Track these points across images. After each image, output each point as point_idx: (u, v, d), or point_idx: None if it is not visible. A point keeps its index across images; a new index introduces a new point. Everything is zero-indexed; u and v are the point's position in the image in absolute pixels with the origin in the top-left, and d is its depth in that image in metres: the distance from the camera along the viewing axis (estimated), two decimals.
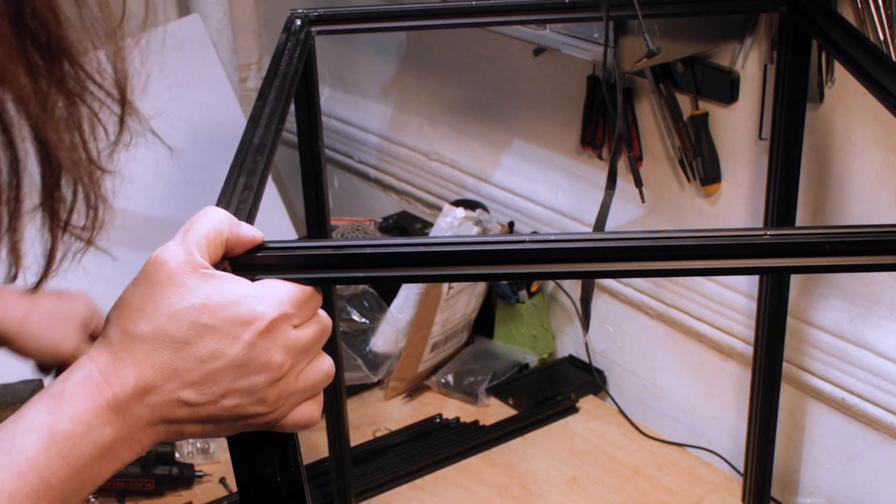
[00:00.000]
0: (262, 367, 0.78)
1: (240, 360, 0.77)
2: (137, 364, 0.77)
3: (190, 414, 0.78)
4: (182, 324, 0.77)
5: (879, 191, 1.51)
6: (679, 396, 1.90)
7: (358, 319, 1.97)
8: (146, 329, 0.77)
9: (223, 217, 0.82)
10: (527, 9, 1.45)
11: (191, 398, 0.77)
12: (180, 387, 0.77)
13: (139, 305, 0.78)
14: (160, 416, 0.77)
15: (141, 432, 0.77)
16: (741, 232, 0.86)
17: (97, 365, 0.77)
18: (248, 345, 0.77)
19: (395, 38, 2.30)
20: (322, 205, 1.50)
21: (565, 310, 2.07)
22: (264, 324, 0.78)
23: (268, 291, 0.80)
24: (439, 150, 2.26)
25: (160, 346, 0.76)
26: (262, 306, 0.78)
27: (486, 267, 0.87)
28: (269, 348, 0.78)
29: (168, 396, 0.77)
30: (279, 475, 0.88)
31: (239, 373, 0.78)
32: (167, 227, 2.43)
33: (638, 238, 0.86)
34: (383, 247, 0.87)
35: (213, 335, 0.77)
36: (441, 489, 1.77)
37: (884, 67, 1.18)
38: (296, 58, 1.30)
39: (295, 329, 0.80)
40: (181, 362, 0.77)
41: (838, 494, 1.68)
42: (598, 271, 0.87)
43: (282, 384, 0.80)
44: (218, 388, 0.78)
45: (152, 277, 0.79)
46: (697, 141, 1.70)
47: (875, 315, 1.57)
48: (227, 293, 0.78)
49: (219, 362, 0.77)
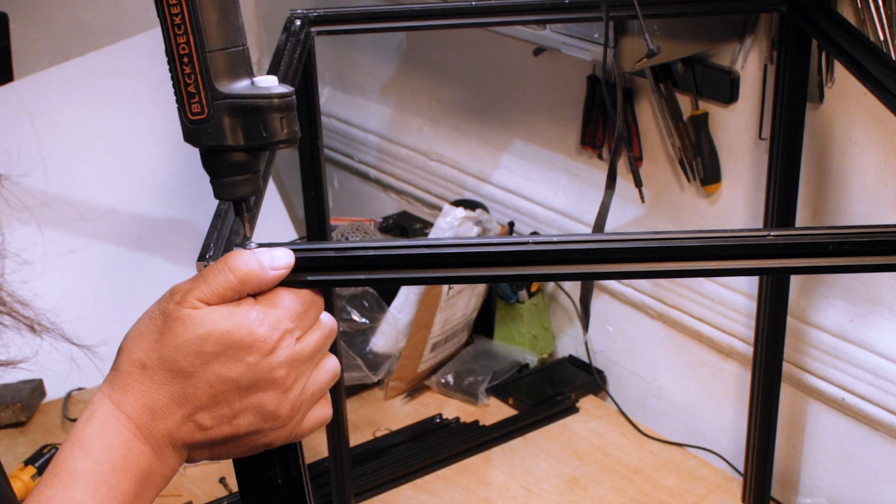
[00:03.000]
0: (268, 384, 0.81)
1: (246, 382, 0.80)
2: (150, 394, 0.80)
3: (208, 437, 0.82)
4: (188, 354, 0.79)
5: (879, 191, 1.51)
6: (679, 396, 1.90)
7: (358, 319, 1.97)
8: (155, 360, 0.80)
9: (242, 256, 0.82)
10: (527, 9, 1.45)
11: (205, 422, 0.81)
12: (193, 411, 0.80)
13: (148, 338, 0.81)
14: (181, 440, 0.81)
15: (168, 455, 0.81)
16: (745, 233, 0.86)
17: (112, 400, 0.81)
18: (252, 366, 0.80)
19: (395, 38, 2.30)
20: (322, 205, 1.50)
21: (565, 310, 2.07)
22: (267, 346, 0.80)
23: (269, 312, 0.81)
24: (439, 150, 2.26)
25: (170, 377, 0.80)
26: (263, 329, 0.80)
27: (489, 269, 0.87)
28: (274, 367, 0.81)
29: (183, 421, 0.81)
30: (280, 477, 0.89)
31: (247, 393, 0.81)
32: (168, 227, 2.42)
33: (641, 239, 0.85)
34: (385, 249, 0.87)
35: (218, 361, 0.80)
36: (441, 489, 1.77)
37: (884, 67, 1.18)
38: (296, 58, 1.30)
39: (298, 341, 0.82)
40: (191, 389, 0.80)
41: (838, 494, 1.68)
42: (601, 273, 0.87)
43: (291, 397, 0.82)
44: (230, 410, 0.81)
45: (162, 311, 0.81)
46: (697, 141, 1.70)
47: (875, 315, 1.57)
48: (229, 321, 0.80)
49: (226, 386, 0.80)
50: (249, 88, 0.80)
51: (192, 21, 0.78)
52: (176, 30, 0.78)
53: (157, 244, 2.11)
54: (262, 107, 0.80)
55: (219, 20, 0.79)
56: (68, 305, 1.83)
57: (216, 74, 0.79)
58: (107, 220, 2.07)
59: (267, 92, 0.80)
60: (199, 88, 0.79)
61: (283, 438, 0.84)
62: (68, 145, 2.05)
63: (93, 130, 2.08)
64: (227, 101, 0.80)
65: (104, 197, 2.07)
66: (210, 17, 0.78)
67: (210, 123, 0.80)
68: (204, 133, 0.80)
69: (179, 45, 0.78)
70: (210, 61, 0.79)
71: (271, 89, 0.81)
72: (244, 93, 0.80)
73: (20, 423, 1.92)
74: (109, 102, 2.10)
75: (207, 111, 0.80)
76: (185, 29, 0.78)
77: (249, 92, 0.80)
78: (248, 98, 0.80)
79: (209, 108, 0.79)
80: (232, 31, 0.80)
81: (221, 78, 0.79)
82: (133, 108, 2.12)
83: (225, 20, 0.79)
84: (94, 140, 2.08)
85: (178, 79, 0.79)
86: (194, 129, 0.80)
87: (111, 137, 2.10)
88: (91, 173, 2.07)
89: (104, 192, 2.07)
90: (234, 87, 0.80)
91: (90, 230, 2.05)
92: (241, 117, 0.80)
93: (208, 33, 0.78)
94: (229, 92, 0.80)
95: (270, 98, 0.80)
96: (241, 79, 0.81)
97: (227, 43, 0.79)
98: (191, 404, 0.80)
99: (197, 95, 0.79)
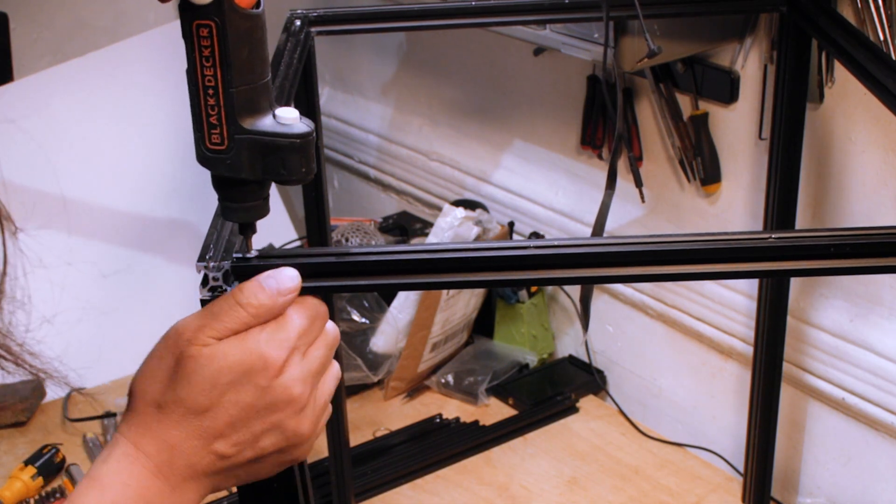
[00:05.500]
0: (286, 403, 0.82)
1: (263, 405, 0.81)
2: (168, 431, 0.80)
3: (230, 463, 0.82)
4: (204, 390, 0.80)
5: (879, 191, 1.51)
6: (679, 396, 1.90)
7: (358, 319, 1.97)
8: (170, 400, 0.80)
9: (251, 290, 0.83)
10: (527, 9, 1.45)
11: (225, 450, 0.81)
12: (212, 441, 0.81)
13: (160, 379, 0.81)
14: (202, 471, 0.82)
15: (188, 490, 0.82)
16: (746, 236, 0.86)
17: (130, 440, 0.81)
18: (266, 389, 0.81)
19: (395, 38, 2.30)
20: (322, 205, 1.50)
21: (565, 310, 2.07)
22: (277, 366, 0.81)
23: (276, 333, 0.81)
24: (439, 150, 2.26)
25: (188, 414, 0.80)
26: (273, 351, 0.81)
27: (492, 273, 0.87)
28: (287, 386, 0.81)
29: (204, 453, 0.81)
30: (275, 480, 0.89)
31: (266, 414, 0.81)
32: (167, 227, 2.42)
33: (643, 243, 0.86)
34: (386, 254, 0.87)
35: (233, 390, 0.80)
36: (441, 489, 1.77)
37: (885, 67, 1.18)
38: (296, 58, 1.30)
39: (305, 356, 0.83)
40: (209, 421, 0.80)
41: (838, 494, 1.68)
42: (603, 276, 0.87)
43: (308, 412, 0.83)
44: (250, 434, 0.81)
45: (171, 351, 0.81)
46: (697, 141, 1.70)
47: (875, 315, 1.57)
48: (240, 349, 0.80)
49: (244, 412, 0.81)
50: (271, 125, 0.79)
51: (222, 56, 0.76)
52: (204, 61, 0.77)
53: (155, 244, 2.11)
54: (282, 146, 0.79)
55: (248, 56, 0.77)
56: (69, 305, 1.84)
57: (240, 110, 0.78)
58: (105, 220, 2.07)
59: (289, 131, 0.79)
60: (220, 121, 0.78)
61: (308, 451, 0.85)
62: (68, 145, 2.05)
63: (92, 130, 2.08)
64: (249, 138, 0.79)
65: (103, 197, 2.07)
66: (241, 53, 0.77)
67: (228, 156, 0.79)
68: (221, 163, 0.80)
69: (206, 76, 0.77)
70: (235, 97, 0.78)
71: (292, 127, 0.80)
72: (266, 130, 0.79)
73: (20, 423, 1.92)
74: (109, 102, 2.10)
75: (227, 144, 0.79)
76: (214, 62, 0.77)
77: (271, 130, 0.79)
78: (270, 136, 0.79)
79: (229, 141, 0.79)
80: (259, 65, 0.79)
81: (244, 113, 0.79)
82: (133, 108, 2.12)
83: (253, 55, 0.78)
84: (93, 140, 2.08)
85: (201, 108, 0.78)
86: (211, 157, 0.80)
87: (111, 137, 2.10)
88: (90, 173, 2.07)
89: (103, 192, 2.07)
90: (256, 124, 0.79)
91: (90, 230, 2.05)
92: (260, 154, 0.80)
93: (236, 69, 0.77)
94: (251, 128, 0.79)
95: (292, 139, 0.79)
96: (264, 113, 0.80)
97: (254, 78, 0.78)
98: (210, 435, 0.80)
99: (218, 128, 0.78)
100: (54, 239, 1.98)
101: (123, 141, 2.11)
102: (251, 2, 0.77)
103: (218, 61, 0.77)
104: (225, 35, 0.76)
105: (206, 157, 0.80)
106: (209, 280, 0.85)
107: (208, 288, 0.85)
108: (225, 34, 0.76)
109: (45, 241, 1.90)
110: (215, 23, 0.75)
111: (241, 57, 0.77)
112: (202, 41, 0.76)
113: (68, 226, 2.01)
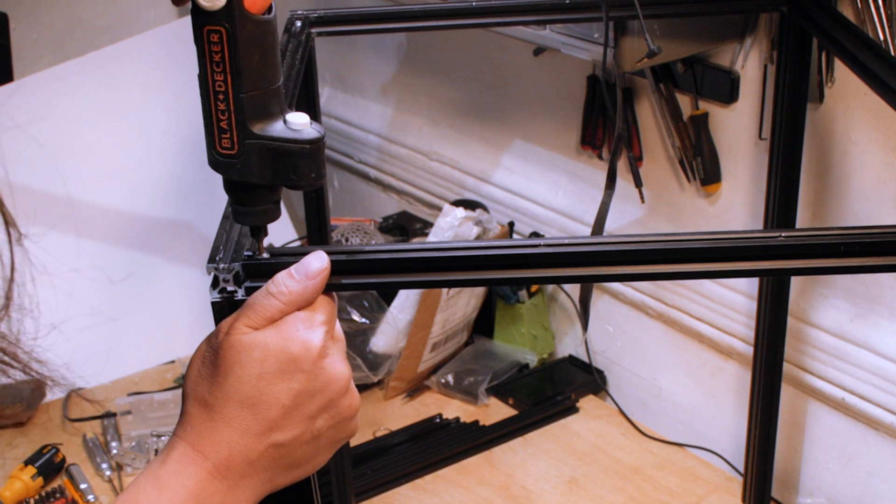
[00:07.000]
0: (335, 380, 0.84)
1: (314, 388, 0.83)
2: (223, 430, 0.81)
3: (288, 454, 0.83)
4: (250, 380, 0.81)
5: (879, 191, 1.51)
6: (679, 396, 1.90)
7: (358, 319, 1.97)
8: (219, 398, 0.81)
9: (284, 280, 0.84)
10: (527, 9, 1.45)
11: (283, 440, 0.82)
12: (269, 433, 0.82)
13: (206, 377, 0.82)
14: (260, 467, 0.82)
15: (246, 488, 0.82)
16: (755, 234, 0.86)
17: (187, 441, 0.82)
18: (313, 373, 0.82)
19: (395, 39, 2.30)
20: (322, 205, 1.50)
21: (565, 310, 2.07)
22: (317, 350, 0.82)
23: (311, 318, 0.83)
24: (439, 150, 2.26)
25: (239, 409, 0.81)
26: (312, 336, 0.83)
27: (496, 272, 0.88)
28: (330, 363, 0.83)
29: (261, 448, 0.82)
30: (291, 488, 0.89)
31: (317, 397, 0.83)
32: (169, 228, 2.41)
33: (647, 241, 0.86)
34: (395, 252, 0.88)
35: (283, 378, 0.81)
36: (441, 489, 1.77)
37: (886, 65, 1.18)
38: (297, 59, 1.30)
39: (333, 338, 0.85)
40: (262, 413, 0.81)
41: (838, 494, 1.69)
42: (607, 275, 0.88)
43: (352, 386, 0.86)
44: (306, 417, 0.83)
45: (210, 345, 0.83)
46: (697, 141, 1.70)
47: (875, 315, 1.57)
48: (281, 336, 0.82)
49: (297, 398, 0.82)
50: (282, 130, 0.80)
51: (233, 63, 0.77)
52: (214, 67, 0.77)
53: (157, 245, 2.11)
54: (293, 152, 0.80)
55: (259, 61, 0.77)
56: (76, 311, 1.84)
57: (250, 115, 0.78)
58: (107, 220, 2.07)
59: (299, 137, 0.80)
60: (231, 126, 0.79)
61: (358, 424, 0.88)
62: (68, 146, 2.05)
63: (92, 130, 2.08)
64: (259, 143, 0.79)
65: (103, 198, 2.07)
66: (251, 59, 0.77)
67: (239, 160, 0.80)
68: (231, 168, 0.80)
69: (216, 81, 0.77)
70: (245, 103, 0.78)
71: (303, 132, 0.80)
72: (277, 135, 0.79)
73: (20, 423, 1.92)
74: (109, 102, 2.10)
75: (238, 149, 0.79)
76: (224, 68, 0.77)
77: (282, 135, 0.79)
78: (280, 142, 0.79)
79: (240, 146, 0.79)
80: (270, 71, 0.79)
81: (255, 118, 0.79)
82: (133, 108, 2.12)
83: (264, 60, 0.78)
84: (93, 140, 2.08)
85: (211, 113, 0.78)
86: (222, 161, 0.80)
87: (111, 138, 2.10)
88: (90, 174, 2.07)
89: (103, 192, 2.07)
90: (267, 129, 0.79)
91: (95, 233, 2.05)
92: (271, 159, 0.80)
93: (247, 75, 0.77)
94: (262, 133, 0.79)
95: (303, 144, 0.80)
96: (275, 118, 0.80)
97: (264, 84, 0.78)
98: (265, 427, 0.81)
99: (229, 132, 0.79)
100: (60, 243, 1.98)
101: (123, 141, 2.11)
102: (262, 7, 0.77)
103: (228, 67, 0.77)
104: (235, 41, 0.76)
105: (216, 162, 0.80)
106: (219, 282, 0.86)
107: (218, 290, 0.86)
108: (235, 40, 0.76)
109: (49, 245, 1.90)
110: (226, 28, 0.75)
111: (251, 63, 0.77)
112: (213, 47, 0.76)
113: (76, 229, 2.01)
